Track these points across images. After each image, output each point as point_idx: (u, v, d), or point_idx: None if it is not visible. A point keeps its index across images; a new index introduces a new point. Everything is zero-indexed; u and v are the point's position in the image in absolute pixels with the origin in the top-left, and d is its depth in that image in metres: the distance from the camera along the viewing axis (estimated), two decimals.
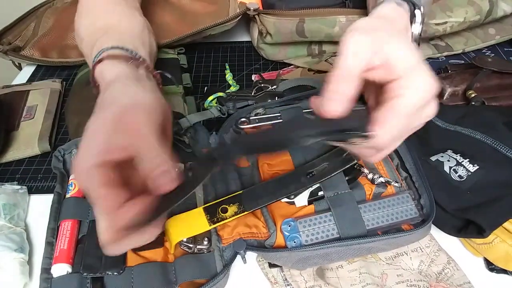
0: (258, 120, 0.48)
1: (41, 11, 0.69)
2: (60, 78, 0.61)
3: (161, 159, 0.28)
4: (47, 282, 0.35)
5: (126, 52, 0.40)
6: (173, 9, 0.66)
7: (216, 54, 0.66)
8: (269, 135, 0.31)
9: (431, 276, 0.37)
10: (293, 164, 0.43)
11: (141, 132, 0.29)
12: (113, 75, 0.37)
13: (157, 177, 0.27)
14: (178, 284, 0.35)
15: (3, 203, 0.40)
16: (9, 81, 0.61)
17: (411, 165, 0.42)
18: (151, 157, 0.28)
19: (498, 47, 0.63)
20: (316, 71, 0.60)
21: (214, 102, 0.55)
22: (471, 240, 0.38)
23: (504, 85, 0.50)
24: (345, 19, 0.56)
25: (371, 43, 0.29)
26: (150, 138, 0.29)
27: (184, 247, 0.37)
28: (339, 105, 0.28)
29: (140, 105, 0.31)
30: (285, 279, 0.37)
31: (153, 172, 0.27)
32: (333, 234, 0.37)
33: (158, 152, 0.28)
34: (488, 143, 0.41)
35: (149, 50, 0.46)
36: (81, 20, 0.48)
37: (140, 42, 0.45)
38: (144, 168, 0.28)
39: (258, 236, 0.38)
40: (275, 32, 0.58)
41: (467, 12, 0.56)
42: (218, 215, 0.38)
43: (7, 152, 0.49)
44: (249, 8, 0.58)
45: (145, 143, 0.29)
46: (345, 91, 0.28)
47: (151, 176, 0.28)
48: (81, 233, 0.38)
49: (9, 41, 0.62)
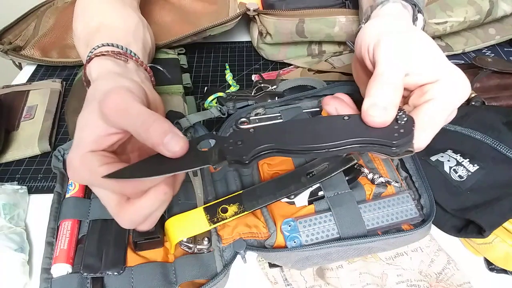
0: (258, 120, 0.48)
1: (42, 11, 0.69)
2: (60, 78, 0.61)
3: (161, 123, 0.27)
4: (47, 282, 0.35)
5: (115, 48, 0.41)
6: (173, 9, 0.66)
7: (216, 54, 0.66)
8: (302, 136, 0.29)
9: (431, 276, 0.37)
10: (293, 164, 0.43)
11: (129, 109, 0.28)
12: (98, 72, 0.37)
13: (167, 143, 0.27)
14: (178, 284, 0.35)
15: (3, 203, 0.40)
16: (9, 81, 0.61)
17: (411, 165, 0.42)
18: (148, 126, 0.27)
19: (498, 47, 0.63)
20: (316, 71, 0.60)
21: (214, 102, 0.55)
22: (471, 240, 0.38)
23: (504, 85, 0.50)
24: (344, 19, 0.56)
25: (406, 49, 0.30)
26: (141, 109, 0.28)
27: (184, 247, 0.37)
28: (388, 113, 0.28)
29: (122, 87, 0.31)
30: (285, 279, 0.37)
31: (158, 138, 0.27)
32: (333, 234, 0.37)
33: (155, 118, 0.28)
34: (488, 143, 0.41)
35: (142, 46, 0.46)
36: (77, 21, 0.48)
37: (132, 38, 0.45)
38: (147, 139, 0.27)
39: (258, 236, 0.38)
40: (275, 32, 0.58)
41: (467, 12, 0.56)
42: (218, 215, 0.38)
43: (7, 152, 0.49)
44: (249, 8, 0.58)
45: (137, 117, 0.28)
46: (393, 98, 0.28)
47: (159, 144, 0.27)
48: (81, 233, 0.38)
49: (10, 40, 0.63)
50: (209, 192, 0.41)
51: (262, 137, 0.29)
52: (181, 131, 0.45)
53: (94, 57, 0.39)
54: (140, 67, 0.42)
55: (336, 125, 0.29)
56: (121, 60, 0.40)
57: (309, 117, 0.35)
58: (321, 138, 0.28)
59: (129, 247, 0.37)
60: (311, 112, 0.49)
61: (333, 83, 0.53)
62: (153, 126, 0.27)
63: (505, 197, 0.36)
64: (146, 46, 0.48)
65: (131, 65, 0.41)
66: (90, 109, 0.30)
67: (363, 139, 0.28)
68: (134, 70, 0.40)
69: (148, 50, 0.49)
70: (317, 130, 0.29)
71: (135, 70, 0.40)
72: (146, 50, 0.48)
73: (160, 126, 0.27)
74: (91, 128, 0.29)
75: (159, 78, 0.53)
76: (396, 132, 0.27)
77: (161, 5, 0.67)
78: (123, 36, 0.44)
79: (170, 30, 0.61)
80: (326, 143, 0.28)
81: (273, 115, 0.49)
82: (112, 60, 0.39)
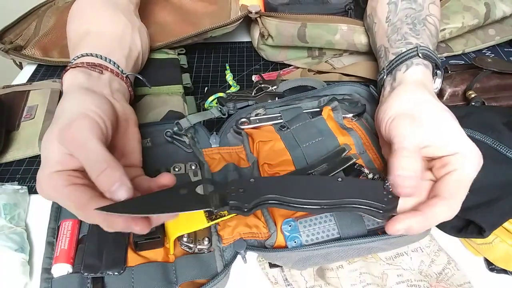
0: (258, 121, 0.48)
1: (43, 10, 0.69)
2: (61, 78, 0.61)
3: (111, 172, 0.29)
4: (48, 282, 0.35)
5: (95, 58, 0.42)
6: (174, 9, 0.66)
7: (216, 54, 0.66)
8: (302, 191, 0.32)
9: (431, 276, 0.37)
10: (293, 165, 0.43)
11: (84, 142, 0.30)
12: (67, 85, 0.39)
13: (113, 192, 0.28)
14: (178, 284, 0.35)
15: (3, 203, 0.40)
16: (9, 81, 0.61)
17: None
18: (99, 173, 0.29)
19: (498, 48, 0.63)
20: (316, 71, 0.60)
21: (214, 103, 0.55)
22: (471, 240, 0.39)
23: (504, 85, 0.50)
24: (346, 28, 0.57)
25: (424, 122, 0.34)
26: (97, 149, 0.30)
27: (184, 247, 0.37)
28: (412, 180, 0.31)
29: (84, 116, 0.32)
30: (286, 279, 0.37)
31: (105, 186, 0.29)
32: (334, 234, 0.37)
33: (106, 166, 0.29)
34: (488, 143, 0.41)
35: (128, 52, 0.47)
36: (69, 24, 0.49)
37: (118, 44, 0.46)
38: (96, 183, 0.29)
39: (258, 236, 0.38)
40: (277, 34, 0.58)
41: (464, 17, 0.57)
42: (216, 213, 0.38)
43: (7, 152, 0.49)
44: (250, 11, 0.58)
45: (90, 158, 0.29)
46: (415, 167, 0.31)
47: (105, 192, 0.29)
48: (81, 233, 0.38)
49: (11, 40, 0.63)
50: None
51: (264, 188, 0.31)
52: (181, 131, 0.46)
53: (69, 68, 0.40)
54: (116, 77, 0.43)
55: (333, 185, 0.32)
56: (95, 71, 0.40)
57: (307, 176, 0.40)
58: (320, 195, 0.31)
59: (129, 247, 0.37)
60: (311, 112, 0.49)
61: (333, 84, 0.53)
62: (103, 174, 0.29)
63: (505, 197, 0.36)
64: (134, 51, 0.49)
65: (106, 76, 0.41)
66: (53, 131, 0.31)
67: (359, 200, 0.31)
68: (107, 81, 0.41)
69: (136, 54, 0.50)
70: (316, 188, 0.32)
71: (108, 81, 0.41)
72: (132, 56, 0.48)
73: (109, 176, 0.29)
74: (53, 151, 0.31)
75: (159, 78, 0.54)
76: (385, 197, 0.31)
77: (161, 5, 0.67)
78: (108, 43, 0.45)
79: (171, 31, 0.61)
80: (325, 199, 0.31)
81: (273, 115, 0.49)
82: (85, 72, 0.40)
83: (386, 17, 0.48)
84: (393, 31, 0.46)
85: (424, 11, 0.46)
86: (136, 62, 0.50)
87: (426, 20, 0.45)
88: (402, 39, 0.44)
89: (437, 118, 0.34)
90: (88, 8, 0.49)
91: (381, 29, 0.49)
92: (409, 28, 0.44)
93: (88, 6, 0.49)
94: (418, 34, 0.43)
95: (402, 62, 0.41)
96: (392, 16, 0.47)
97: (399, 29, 0.45)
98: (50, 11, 0.69)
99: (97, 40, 0.45)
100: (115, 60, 0.44)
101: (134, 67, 0.49)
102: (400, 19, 0.46)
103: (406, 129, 0.34)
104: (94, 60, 0.41)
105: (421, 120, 0.34)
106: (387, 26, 0.47)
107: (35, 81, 0.61)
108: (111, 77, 0.42)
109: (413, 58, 0.41)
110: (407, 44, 0.42)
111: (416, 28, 0.44)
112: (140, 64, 0.52)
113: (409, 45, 0.42)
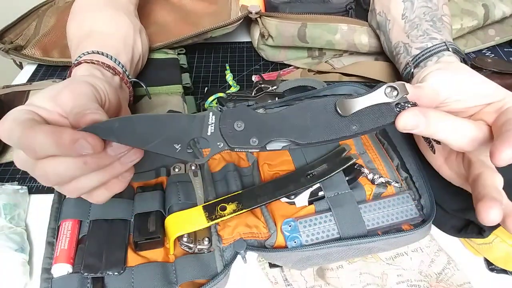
0: None
1: (43, 10, 0.69)
2: (61, 78, 0.61)
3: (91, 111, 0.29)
4: (48, 282, 0.35)
5: (105, 57, 0.42)
6: (174, 9, 0.66)
7: (216, 54, 0.66)
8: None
9: (431, 276, 0.37)
10: (293, 165, 0.43)
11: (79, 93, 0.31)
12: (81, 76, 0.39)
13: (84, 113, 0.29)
14: (178, 284, 0.35)
15: (3, 203, 0.40)
16: (9, 81, 0.61)
17: (412, 165, 0.42)
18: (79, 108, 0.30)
19: (498, 48, 0.63)
20: (316, 71, 0.60)
21: (214, 103, 0.55)
22: (471, 240, 0.39)
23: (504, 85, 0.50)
24: (346, 28, 0.56)
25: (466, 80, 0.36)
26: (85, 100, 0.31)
27: (184, 247, 0.37)
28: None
29: (86, 83, 0.33)
30: (286, 279, 0.37)
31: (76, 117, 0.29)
32: (334, 234, 0.37)
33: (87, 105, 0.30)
34: None
35: (131, 55, 0.47)
36: (70, 23, 0.49)
37: (123, 45, 0.46)
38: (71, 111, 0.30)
39: (258, 236, 0.38)
40: (277, 35, 0.58)
41: (462, 19, 0.57)
42: (216, 213, 0.38)
43: (7, 152, 0.49)
44: (251, 11, 0.58)
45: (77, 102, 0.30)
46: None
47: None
48: (81, 233, 0.38)
49: (11, 39, 0.63)
50: (209, 192, 0.41)
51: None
52: None
53: (84, 62, 0.40)
54: (123, 84, 0.43)
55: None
56: (109, 72, 0.41)
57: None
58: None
59: (129, 247, 0.37)
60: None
61: (333, 84, 0.53)
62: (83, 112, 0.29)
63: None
64: (136, 54, 0.49)
65: (116, 81, 0.42)
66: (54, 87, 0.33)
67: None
68: (118, 85, 0.41)
69: (138, 57, 0.50)
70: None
71: (118, 85, 0.41)
72: (134, 59, 0.48)
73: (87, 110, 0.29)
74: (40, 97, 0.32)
75: (159, 78, 0.54)
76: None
77: (161, 5, 0.67)
78: (114, 43, 0.45)
79: (170, 31, 0.61)
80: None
81: None
82: (100, 70, 0.40)
83: (402, 14, 0.48)
84: (412, 27, 0.46)
85: (439, 11, 0.46)
86: (137, 65, 0.50)
87: (442, 19, 0.45)
88: (424, 34, 0.44)
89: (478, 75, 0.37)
90: (90, 7, 0.49)
91: (396, 26, 0.48)
92: (429, 24, 0.44)
93: (90, 5, 0.49)
94: (440, 30, 0.44)
95: (432, 55, 0.41)
96: (408, 13, 0.47)
97: (419, 25, 0.45)
98: (50, 11, 0.69)
99: (102, 39, 0.44)
100: (123, 63, 0.44)
101: (135, 70, 0.49)
102: (417, 16, 0.46)
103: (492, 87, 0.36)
104: (104, 59, 0.41)
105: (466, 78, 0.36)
106: (403, 23, 0.47)
107: (35, 81, 0.61)
108: (120, 82, 0.42)
109: (444, 51, 0.41)
110: (431, 40, 0.43)
111: (436, 25, 0.44)
112: (140, 67, 0.52)
113: (435, 40, 0.42)
